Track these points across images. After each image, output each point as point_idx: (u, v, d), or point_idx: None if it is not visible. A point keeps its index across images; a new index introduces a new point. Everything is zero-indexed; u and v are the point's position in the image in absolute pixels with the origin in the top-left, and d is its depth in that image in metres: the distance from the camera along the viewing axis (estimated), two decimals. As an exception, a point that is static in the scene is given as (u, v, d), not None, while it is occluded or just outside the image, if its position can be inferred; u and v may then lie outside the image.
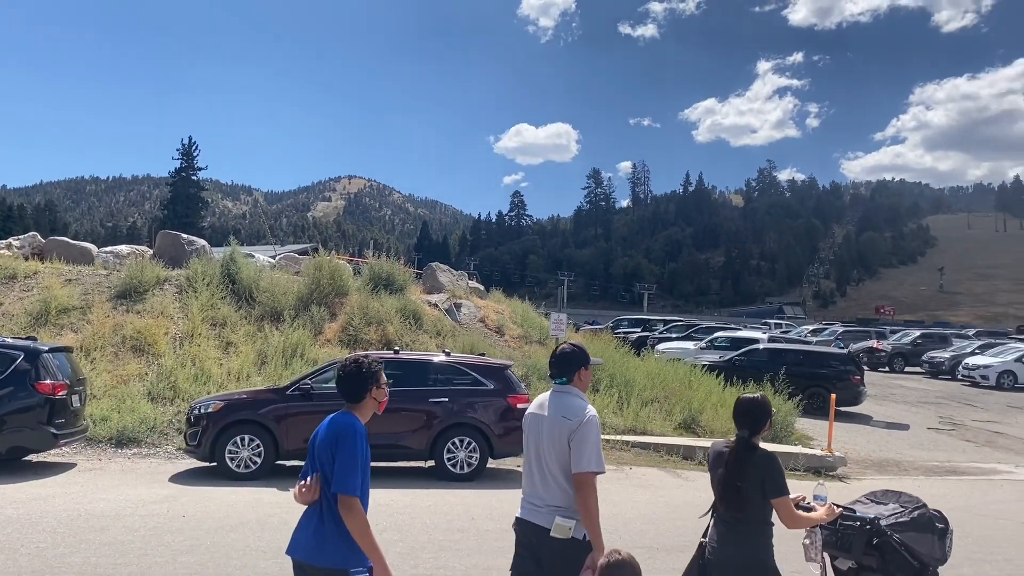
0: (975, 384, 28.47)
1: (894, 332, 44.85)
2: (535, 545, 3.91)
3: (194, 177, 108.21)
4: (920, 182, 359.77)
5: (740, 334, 30.56)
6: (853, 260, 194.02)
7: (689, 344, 29.01)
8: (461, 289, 22.40)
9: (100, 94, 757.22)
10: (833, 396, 15.08)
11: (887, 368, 34.75)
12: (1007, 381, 27.87)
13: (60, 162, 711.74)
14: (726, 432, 15.00)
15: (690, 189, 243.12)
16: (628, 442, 13.50)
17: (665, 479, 11.70)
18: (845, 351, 23.96)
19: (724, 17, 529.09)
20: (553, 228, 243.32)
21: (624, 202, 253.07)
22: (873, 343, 37.92)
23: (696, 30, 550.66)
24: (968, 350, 33.41)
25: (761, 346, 22.45)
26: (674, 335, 34.38)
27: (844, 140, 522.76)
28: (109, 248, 21.87)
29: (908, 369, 34.67)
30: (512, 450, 11.53)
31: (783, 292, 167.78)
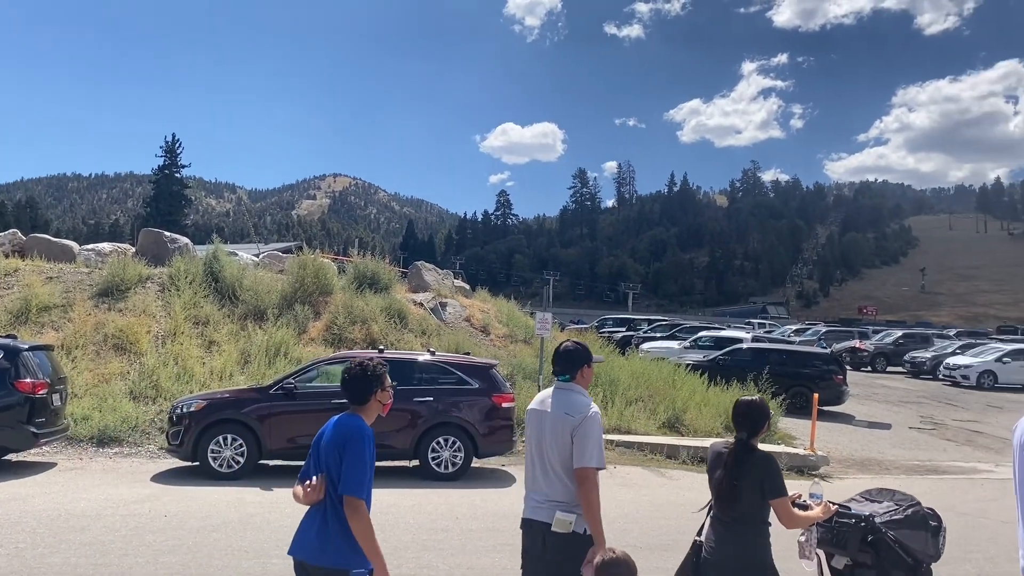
0: (956, 384, 28.74)
1: (876, 332, 45.21)
2: (539, 542, 3.97)
3: (177, 175, 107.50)
4: (902, 183, 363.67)
5: (724, 334, 30.70)
6: (836, 260, 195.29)
7: (673, 343, 29.12)
8: (447, 288, 22.37)
9: (83, 91, 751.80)
10: (816, 396, 15.16)
11: (869, 368, 35.01)
12: (987, 381, 28.16)
13: (42, 159, 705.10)
14: (709, 431, 15.08)
15: (675, 189, 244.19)
16: (612, 441, 13.52)
17: (649, 478, 11.73)
18: (828, 351, 24.12)
19: (709, 18, 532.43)
20: (539, 227, 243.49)
21: (609, 202, 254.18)
22: (856, 343, 38.20)
23: (681, 31, 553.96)
24: (949, 350, 33.73)
25: (745, 346, 22.54)
26: (658, 334, 34.49)
27: (828, 141, 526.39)
28: (91, 246, 21.68)
29: (890, 369, 34.96)
30: (497, 449, 11.54)
31: (767, 292, 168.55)
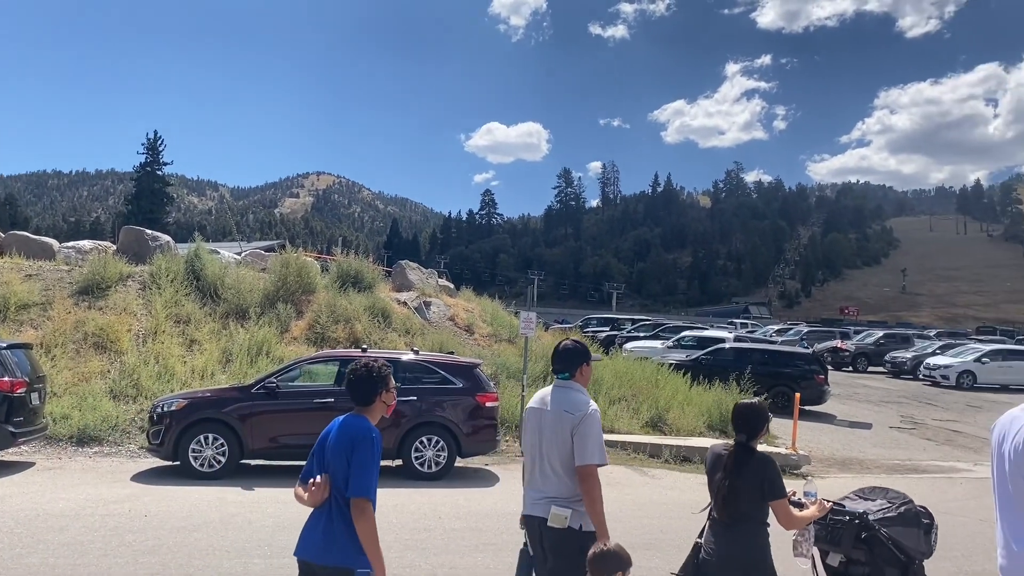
0: (936, 384, 29.02)
1: (858, 332, 45.55)
2: (537, 537, 4.08)
3: (159, 172, 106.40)
4: (884, 185, 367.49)
5: (706, 333, 30.85)
6: (818, 261, 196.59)
7: (656, 343, 29.25)
8: (431, 287, 22.33)
9: (64, 87, 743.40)
10: (797, 395, 15.27)
11: (851, 368, 35.28)
12: (966, 381, 28.45)
13: (22, 155, 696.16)
14: (692, 430, 15.15)
15: (659, 190, 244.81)
16: (596, 440, 13.54)
17: (632, 477, 11.76)
18: (810, 351, 24.29)
19: (693, 19, 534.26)
20: (524, 227, 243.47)
21: (594, 202, 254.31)
22: (837, 343, 38.49)
23: (666, 31, 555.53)
24: (929, 350, 34.06)
25: (727, 345, 22.66)
26: (642, 334, 34.61)
27: (810, 142, 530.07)
28: (71, 243, 21.48)
29: (871, 369, 35.25)
30: (480, 449, 11.54)
31: (749, 292, 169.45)
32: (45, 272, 17.28)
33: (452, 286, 26.39)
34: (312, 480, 3.61)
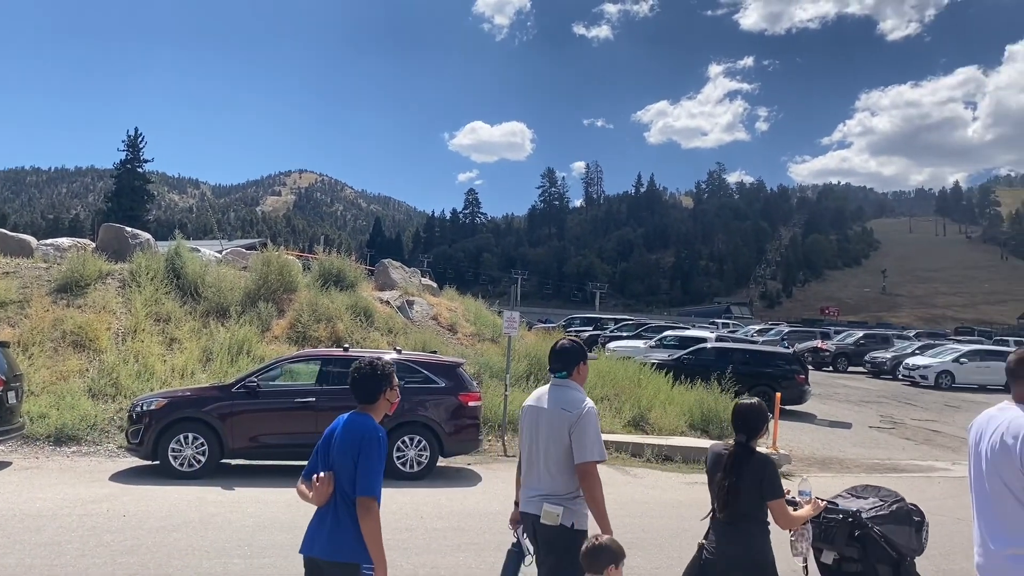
0: (915, 384, 29.30)
1: (838, 332, 45.94)
2: (531, 534, 4.13)
3: (140, 169, 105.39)
4: (865, 186, 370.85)
5: (688, 333, 31.05)
6: (799, 262, 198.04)
7: (639, 343, 29.38)
8: (414, 286, 22.27)
9: (43, 83, 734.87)
10: (778, 395, 15.35)
11: (831, 368, 35.54)
12: (945, 381, 28.75)
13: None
14: (673, 430, 15.22)
15: (642, 190, 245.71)
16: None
17: (614, 476, 11.78)
18: (790, 351, 24.41)
19: (677, 20, 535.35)
20: (507, 226, 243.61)
21: (578, 202, 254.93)
22: (817, 343, 38.78)
23: (649, 32, 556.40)
24: (908, 351, 34.40)
25: (709, 345, 22.75)
26: (625, 334, 34.76)
27: (792, 144, 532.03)
28: (49, 241, 21.25)
29: (851, 369, 35.53)
30: (463, 448, 11.52)
31: (731, 292, 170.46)
32: (23, 269, 17.09)
33: (435, 285, 26.33)
34: (316, 476, 3.63)
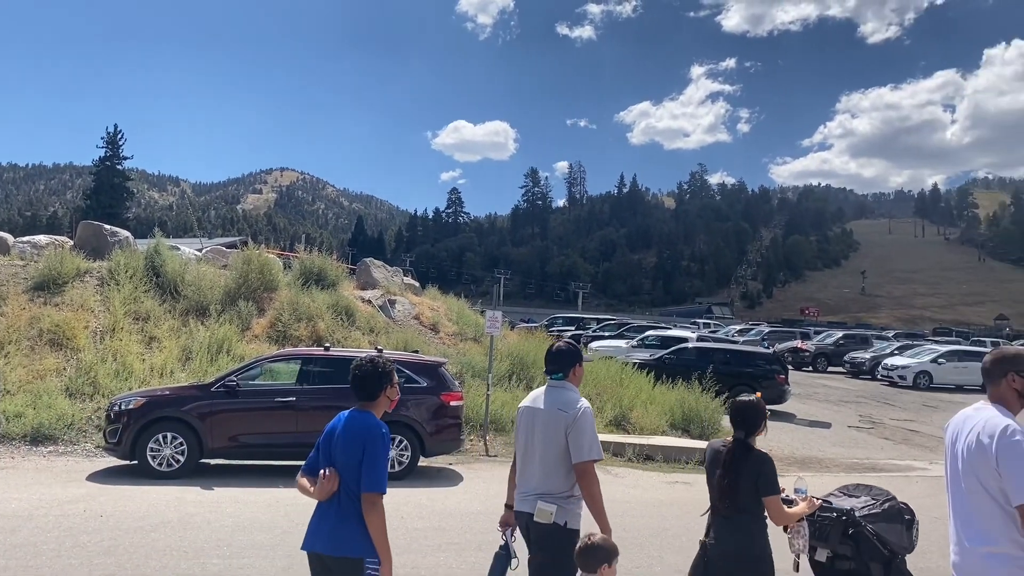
0: (893, 384, 29.57)
1: (818, 333, 46.33)
2: (525, 532, 4.20)
3: (119, 166, 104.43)
4: (845, 188, 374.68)
5: (670, 333, 31.19)
6: (780, 262, 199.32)
7: (621, 342, 29.47)
8: (396, 285, 22.20)
9: (21, 78, 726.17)
10: (758, 394, 15.42)
11: (810, 368, 35.80)
12: (923, 381, 29.04)
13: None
14: (655, 429, 15.26)
15: (624, 190, 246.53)
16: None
17: (595, 476, 11.79)
18: (770, 351, 24.57)
19: (660, 21, 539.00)
20: (490, 226, 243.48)
21: (561, 201, 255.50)
22: (797, 343, 39.04)
23: (632, 33, 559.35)
24: (887, 351, 34.70)
25: (690, 345, 22.86)
26: (607, 333, 34.85)
27: (773, 145, 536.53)
28: (27, 238, 20.94)
29: (831, 369, 35.81)
30: (444, 448, 11.49)
31: (712, 293, 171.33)
32: (-1, 267, 16.88)
33: (417, 284, 26.26)
34: (322, 473, 3.66)
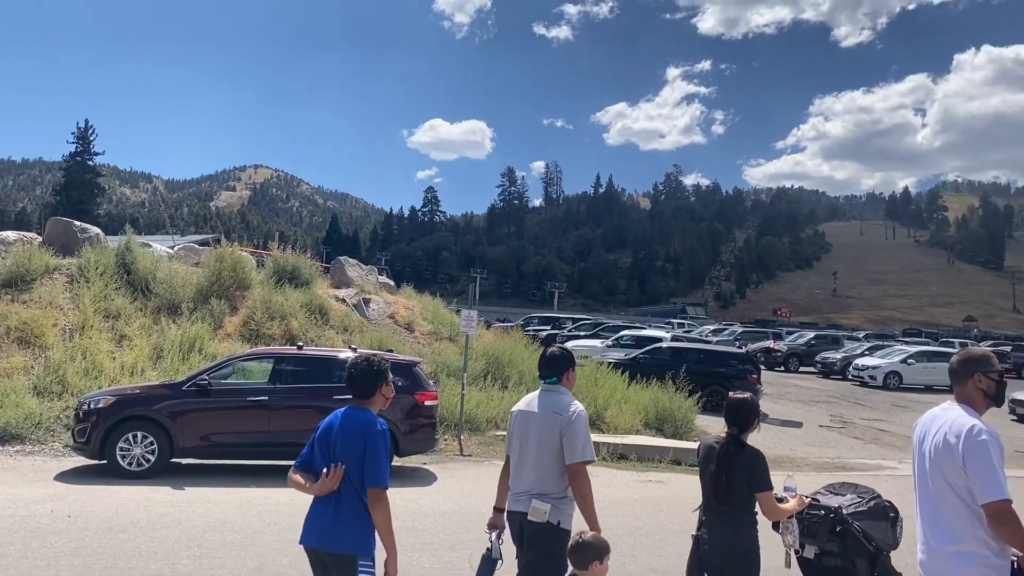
0: (864, 384, 29.96)
1: (790, 333, 46.83)
2: (517, 532, 4.27)
3: (90, 162, 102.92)
4: (817, 190, 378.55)
5: (645, 333, 31.36)
6: (753, 263, 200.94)
7: (596, 342, 29.54)
8: (371, 284, 22.10)
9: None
10: (731, 393, 15.55)
11: (782, 368, 36.19)
12: (893, 381, 29.45)
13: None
14: (629, 428, 15.33)
15: (600, 191, 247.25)
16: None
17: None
18: (743, 351, 24.79)
19: (636, 22, 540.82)
20: (466, 225, 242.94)
21: (537, 201, 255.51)
22: (770, 343, 39.43)
23: (609, 34, 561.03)
24: (858, 351, 35.16)
25: (664, 345, 23.00)
26: (582, 333, 34.92)
27: (747, 147, 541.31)
28: (-7, 234, 20.61)
29: (802, 369, 36.21)
30: (419, 448, 11.46)
31: (686, 293, 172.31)
32: (-35, 263, 16.58)
33: (393, 283, 26.16)
34: (325, 471, 3.68)
